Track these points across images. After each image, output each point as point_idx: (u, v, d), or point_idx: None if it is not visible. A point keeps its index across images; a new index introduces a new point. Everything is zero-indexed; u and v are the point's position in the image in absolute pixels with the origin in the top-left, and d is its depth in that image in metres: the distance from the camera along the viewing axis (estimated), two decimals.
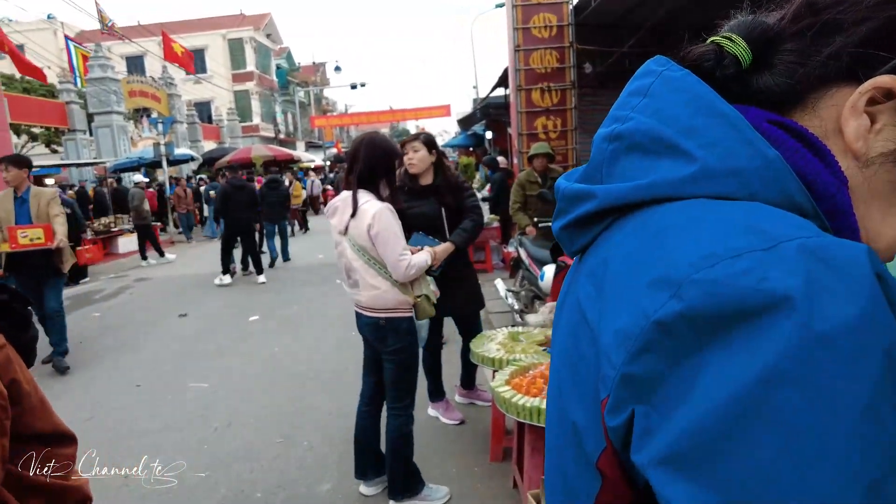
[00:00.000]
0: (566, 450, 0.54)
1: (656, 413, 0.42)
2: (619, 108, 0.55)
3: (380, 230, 2.46)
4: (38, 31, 26.81)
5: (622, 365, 0.44)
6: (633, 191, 0.50)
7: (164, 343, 5.84)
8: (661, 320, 0.41)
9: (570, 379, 0.54)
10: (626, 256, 0.48)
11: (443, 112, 27.63)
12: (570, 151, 8.48)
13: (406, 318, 2.61)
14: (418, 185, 3.33)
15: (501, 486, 2.86)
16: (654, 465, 0.41)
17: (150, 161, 15.93)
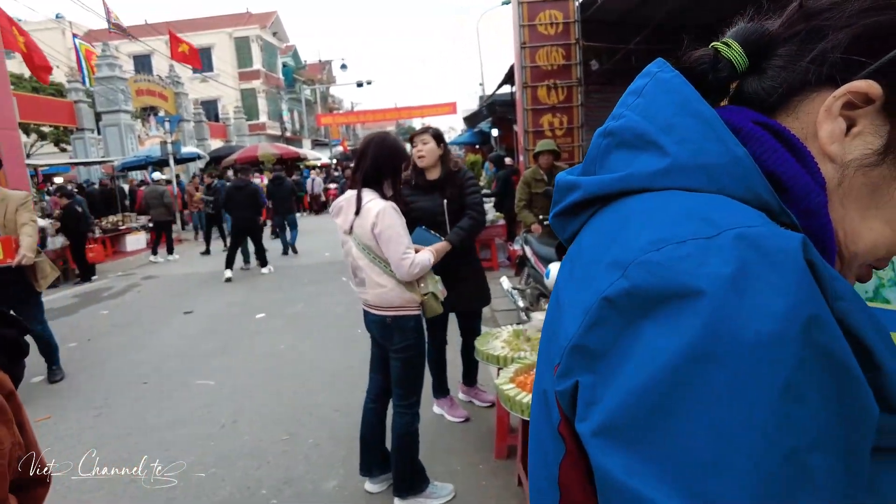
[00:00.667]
0: (540, 418, 0.58)
1: (600, 384, 0.45)
2: (618, 107, 0.59)
3: (383, 228, 2.46)
4: (46, 30, 26.99)
5: (574, 336, 0.48)
6: (611, 182, 0.54)
7: (170, 340, 5.87)
8: (609, 296, 0.45)
9: (545, 353, 0.59)
10: (595, 240, 0.53)
11: (449, 109, 27.62)
12: (577, 149, 8.45)
13: (413, 316, 2.61)
14: (424, 180, 3.34)
15: (506, 484, 2.86)
16: (592, 435, 0.44)
17: (157, 159, 16.02)
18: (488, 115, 17.01)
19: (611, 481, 0.43)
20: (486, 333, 3.21)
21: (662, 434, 0.40)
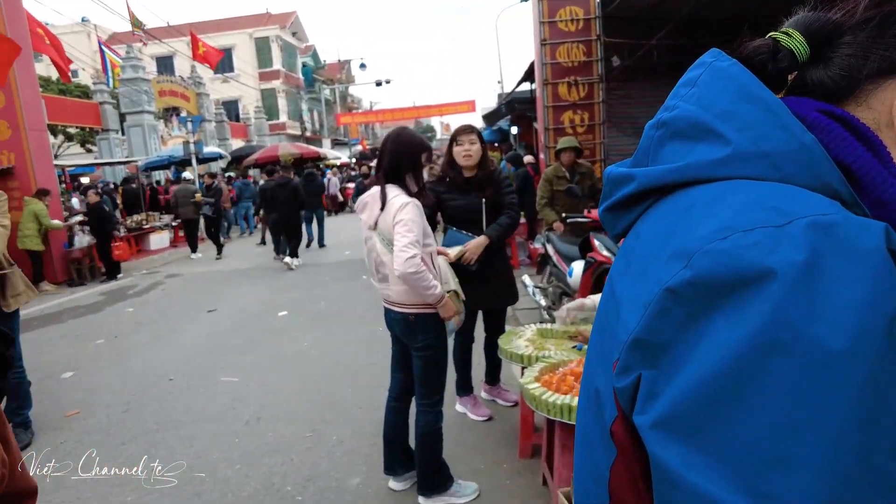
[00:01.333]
0: (590, 417, 0.57)
1: (662, 377, 0.44)
2: (670, 98, 0.57)
3: (401, 219, 2.45)
4: (72, 33, 27.54)
5: (634, 330, 0.46)
6: (668, 173, 0.53)
7: (195, 338, 5.95)
8: (672, 287, 0.44)
9: (597, 349, 0.57)
10: (654, 233, 0.52)
11: (467, 108, 27.58)
12: (598, 146, 8.39)
13: (435, 314, 2.60)
14: (461, 178, 3.32)
15: (531, 483, 2.84)
16: (651, 427, 0.43)
17: (180, 159, 16.25)
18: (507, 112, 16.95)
19: (668, 474, 0.41)
20: (509, 332, 3.19)
21: (724, 427, 0.39)
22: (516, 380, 3.99)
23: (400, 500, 2.80)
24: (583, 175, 5.36)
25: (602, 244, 3.96)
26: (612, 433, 0.51)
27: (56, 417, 4.13)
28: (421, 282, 2.41)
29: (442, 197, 3.34)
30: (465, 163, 3.28)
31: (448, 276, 2.69)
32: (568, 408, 2.18)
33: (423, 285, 2.42)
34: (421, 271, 2.40)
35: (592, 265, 3.99)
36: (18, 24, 9.81)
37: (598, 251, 3.95)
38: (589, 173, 5.54)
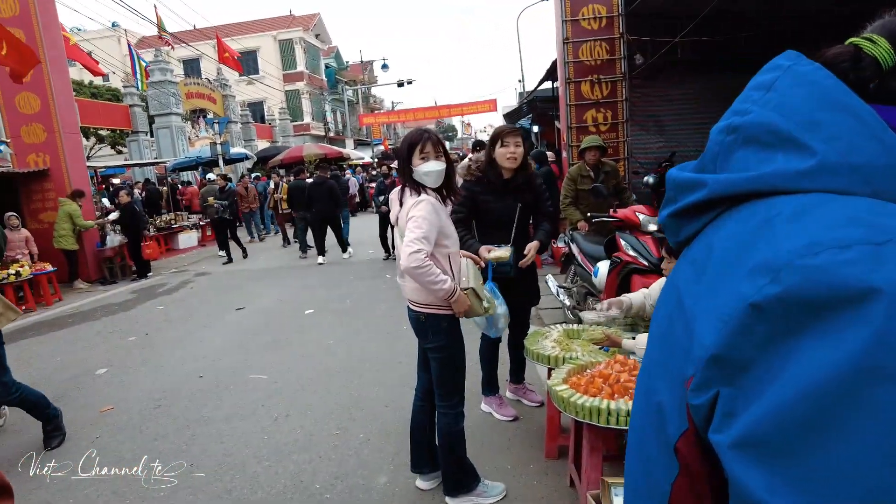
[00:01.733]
0: (649, 431, 0.55)
1: (742, 396, 0.42)
2: (740, 102, 0.55)
3: (413, 215, 2.46)
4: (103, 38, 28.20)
5: (713, 346, 0.44)
6: (745, 181, 0.50)
7: (224, 335, 6.06)
8: (757, 303, 0.42)
9: (660, 361, 0.55)
10: (731, 244, 0.49)
11: (488, 107, 27.50)
12: (622, 144, 8.32)
13: (446, 315, 2.57)
14: (500, 179, 3.26)
15: (558, 485, 2.84)
16: (731, 447, 0.41)
17: (207, 160, 16.52)
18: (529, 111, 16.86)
19: (748, 498, 0.40)
20: (535, 332, 3.19)
21: (815, 454, 0.37)
22: (541, 379, 3.99)
23: (427, 499, 2.82)
24: (607, 174, 5.32)
25: (628, 244, 3.93)
26: (675, 449, 0.49)
27: (91, 413, 4.24)
28: (424, 277, 2.40)
29: (479, 198, 3.31)
30: (509, 165, 3.21)
31: (470, 275, 2.66)
32: (597, 410, 2.18)
33: (426, 280, 2.41)
34: (424, 266, 2.38)
35: (618, 265, 3.96)
36: (53, 32, 10.08)
37: (624, 251, 3.92)
38: (613, 172, 5.50)
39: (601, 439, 2.35)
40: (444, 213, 2.59)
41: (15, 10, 9.52)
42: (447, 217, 2.61)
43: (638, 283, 3.71)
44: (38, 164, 9.89)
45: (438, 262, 2.53)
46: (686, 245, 0.58)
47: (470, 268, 2.69)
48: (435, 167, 2.54)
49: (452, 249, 2.62)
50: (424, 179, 2.55)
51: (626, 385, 2.29)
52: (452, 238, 2.62)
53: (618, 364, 2.46)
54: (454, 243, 2.63)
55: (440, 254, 2.55)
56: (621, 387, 2.30)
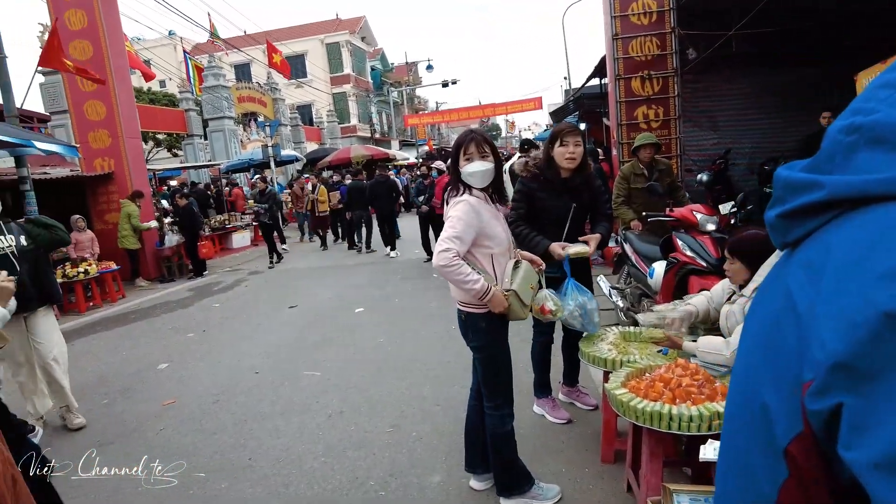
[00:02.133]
0: (751, 434, 0.54)
1: (872, 409, 0.40)
2: (864, 101, 0.52)
3: (450, 215, 2.50)
4: (161, 46, 29.41)
5: (838, 353, 0.43)
6: (873, 184, 0.48)
7: (278, 332, 6.22)
8: (892, 312, 0.40)
9: (765, 362, 0.54)
10: (854, 248, 0.47)
11: (534, 105, 27.26)
12: (674, 141, 8.11)
13: (484, 315, 2.54)
14: (557, 178, 3.24)
15: (614, 489, 2.79)
16: (874, 467, 0.40)
17: (258, 162, 17.00)
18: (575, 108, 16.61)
19: None
20: (590, 335, 3.13)
21: None
22: (594, 382, 3.93)
23: (482, 499, 2.81)
24: (661, 172, 5.18)
25: (685, 244, 3.82)
26: (785, 452, 0.48)
27: (155, 406, 4.43)
28: (453, 275, 2.42)
29: (535, 195, 3.29)
30: (567, 165, 3.19)
31: (517, 278, 2.58)
32: (658, 415, 2.13)
33: (456, 279, 2.43)
34: (453, 265, 2.39)
35: (675, 266, 3.86)
36: (117, 43, 10.57)
37: (682, 251, 3.81)
38: (667, 170, 5.36)
39: (662, 445, 2.30)
40: (489, 214, 2.56)
41: (83, 23, 10.04)
42: (493, 217, 2.57)
43: (696, 285, 3.61)
44: (103, 168, 10.40)
45: (478, 262, 2.52)
46: (792, 246, 0.57)
47: (521, 270, 2.63)
48: (478, 167, 2.53)
49: (496, 250, 2.57)
50: (469, 180, 2.56)
51: (688, 389, 2.23)
52: (497, 239, 2.57)
53: (679, 368, 2.39)
54: (498, 245, 2.58)
55: (481, 254, 2.54)
56: (683, 391, 2.23)
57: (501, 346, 2.64)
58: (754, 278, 2.45)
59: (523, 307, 2.60)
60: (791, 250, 0.57)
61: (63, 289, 8.31)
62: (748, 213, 4.52)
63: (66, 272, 8.26)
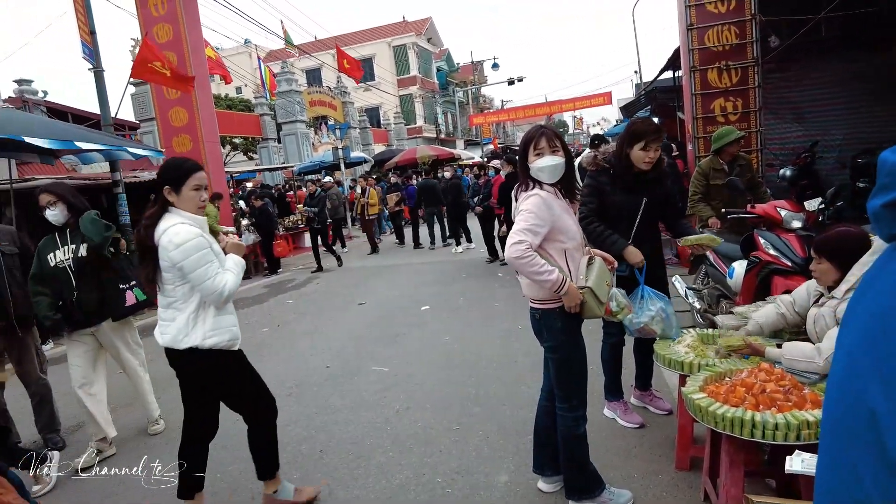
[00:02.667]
0: (857, 443, 0.50)
1: None
2: None
3: (521, 209, 2.46)
4: (237, 55, 30.88)
5: None
6: None
7: (347, 328, 6.38)
8: None
9: (871, 365, 0.50)
10: None
11: (603, 100, 26.58)
12: (754, 134, 7.68)
13: (558, 312, 2.48)
14: (629, 174, 3.14)
15: (690, 498, 2.67)
16: None
17: (329, 164, 17.52)
18: (647, 103, 16.08)
19: None
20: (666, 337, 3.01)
21: None
22: (668, 386, 3.78)
23: (549, 501, 2.76)
24: (742, 167, 4.91)
25: (768, 242, 3.60)
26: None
27: None
28: (527, 267, 2.37)
29: (605, 189, 3.21)
30: (644, 167, 3.10)
31: (592, 275, 2.53)
32: (740, 421, 2.01)
33: (530, 270, 2.38)
34: (526, 256, 2.36)
35: (756, 265, 3.64)
36: (199, 54, 11.19)
37: (764, 250, 3.59)
38: (748, 165, 5.07)
39: (743, 453, 2.17)
40: (561, 209, 2.51)
41: (169, 36, 10.71)
42: (564, 212, 2.52)
43: (780, 285, 3.39)
44: None
45: (551, 257, 2.47)
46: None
47: (595, 267, 2.58)
48: (549, 162, 2.49)
49: (569, 245, 2.52)
50: (539, 175, 2.51)
51: (772, 396, 2.09)
52: (570, 234, 2.53)
53: (763, 373, 2.25)
54: (571, 239, 2.53)
55: (554, 249, 2.49)
56: (767, 398, 2.10)
57: (577, 346, 2.57)
58: (846, 279, 2.28)
59: (599, 305, 2.53)
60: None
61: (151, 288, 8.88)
62: (838, 209, 4.22)
63: None
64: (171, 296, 2.64)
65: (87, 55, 8.89)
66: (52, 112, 13.74)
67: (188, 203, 2.60)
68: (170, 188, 2.58)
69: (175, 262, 2.50)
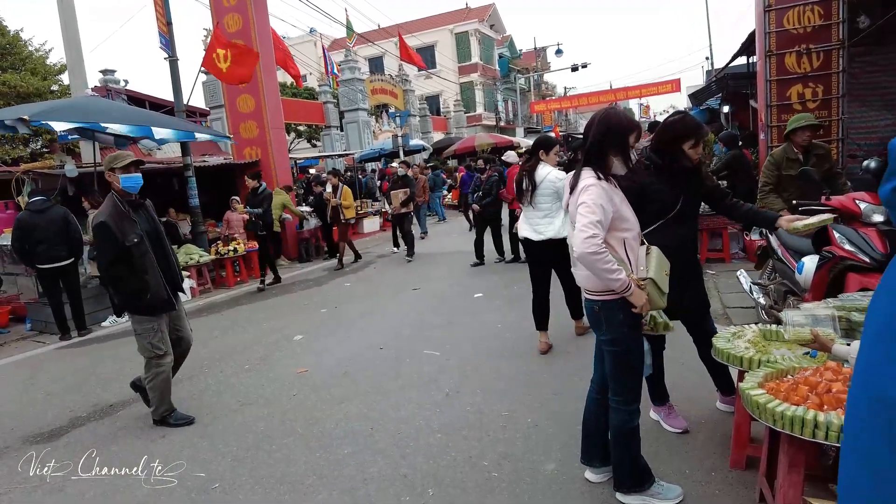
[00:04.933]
0: (879, 433, 0.49)
1: None
2: None
3: (583, 201, 2.37)
4: (303, 43, 31.62)
5: None
6: None
7: (402, 312, 6.48)
8: None
9: (889, 355, 0.49)
10: None
11: (671, 87, 25.57)
12: (835, 123, 7.21)
13: (620, 305, 2.42)
14: (671, 167, 3.00)
15: (744, 498, 2.57)
16: None
17: (389, 151, 17.75)
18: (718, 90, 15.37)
19: None
20: (727, 332, 2.89)
21: None
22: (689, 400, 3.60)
23: (596, 492, 2.73)
24: (819, 157, 4.62)
25: (844, 237, 3.38)
26: None
27: (290, 373, 4.82)
28: (599, 263, 2.29)
29: (646, 183, 3.08)
30: (695, 162, 2.99)
31: (652, 265, 2.48)
32: (801, 420, 1.92)
33: (601, 268, 2.30)
34: (600, 252, 2.28)
35: (829, 261, 3.43)
36: (266, 42, 11.53)
37: (839, 245, 3.37)
38: (826, 156, 4.77)
39: (804, 454, 2.07)
40: (619, 198, 2.47)
41: (239, 25, 11.10)
42: (622, 201, 2.47)
43: (855, 283, 3.18)
44: (251, 157, 11.43)
45: (612, 248, 2.42)
46: None
47: (653, 256, 2.51)
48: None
49: (629, 235, 2.48)
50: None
51: (838, 396, 1.98)
52: (630, 222, 2.49)
53: (829, 372, 2.13)
54: (631, 229, 2.49)
55: (615, 239, 2.43)
56: (833, 398, 1.99)
57: (638, 340, 2.52)
58: None
59: (662, 295, 2.48)
60: None
61: (214, 265, 9.32)
62: None
63: (219, 249, 9.23)
64: (545, 210, 4.59)
65: (164, 45, 9.34)
66: (131, 100, 14.53)
67: (551, 160, 4.66)
68: (543, 151, 4.65)
69: (557, 189, 4.40)
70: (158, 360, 3.92)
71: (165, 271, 3.93)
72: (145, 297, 3.79)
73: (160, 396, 3.97)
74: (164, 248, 4.00)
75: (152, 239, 3.90)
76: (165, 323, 3.98)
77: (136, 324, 3.91)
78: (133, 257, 3.75)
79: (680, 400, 3.46)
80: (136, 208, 3.90)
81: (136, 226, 3.79)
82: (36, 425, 4.26)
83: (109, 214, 3.74)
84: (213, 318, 7.26)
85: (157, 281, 3.84)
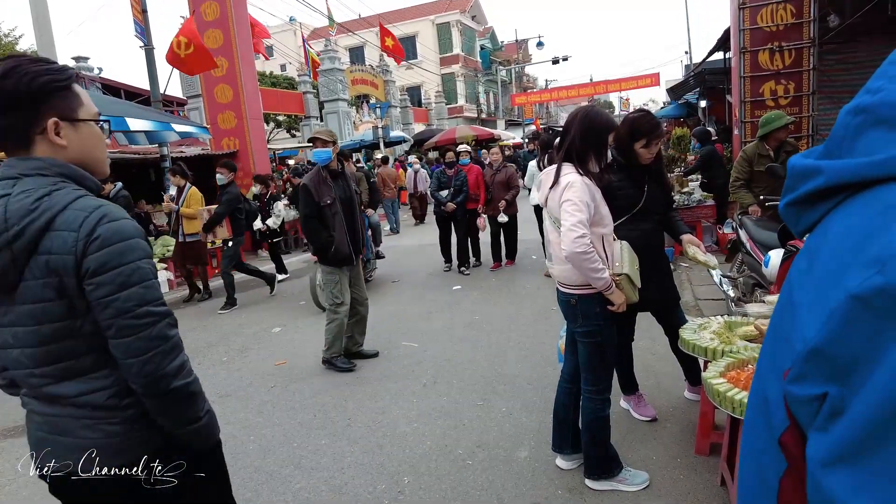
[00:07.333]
0: (757, 426, 0.54)
1: (847, 394, 0.40)
2: (875, 79, 0.49)
3: (568, 198, 2.40)
4: (282, 32, 31.22)
5: (813, 339, 0.43)
6: (864, 167, 0.46)
7: (381, 304, 6.50)
8: (859, 295, 0.39)
9: (769, 354, 0.54)
10: (844, 234, 0.46)
11: (650, 81, 25.83)
12: (806, 120, 7.39)
13: (597, 298, 2.49)
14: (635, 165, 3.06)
15: (706, 482, 2.67)
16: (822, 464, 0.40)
17: (369, 143, 17.66)
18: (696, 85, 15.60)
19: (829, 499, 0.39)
20: (692, 324, 2.99)
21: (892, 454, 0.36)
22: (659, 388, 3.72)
23: (567, 478, 2.81)
24: (789, 153, 4.75)
25: None
26: (781, 444, 0.48)
27: (268, 365, 4.83)
28: (588, 263, 2.34)
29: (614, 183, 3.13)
30: (645, 162, 3.03)
31: (625, 259, 2.57)
32: None
33: (589, 267, 2.35)
34: (589, 252, 2.33)
35: (793, 255, 3.55)
36: (244, 32, 11.37)
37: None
38: (794, 152, 4.90)
39: None
40: (598, 194, 2.52)
41: (216, 14, 10.93)
42: (601, 198, 2.53)
43: None
44: (229, 147, 11.32)
45: (593, 244, 2.47)
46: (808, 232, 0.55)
47: (625, 251, 2.59)
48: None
49: (606, 231, 2.54)
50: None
51: None
52: (607, 219, 2.55)
53: None
54: (608, 224, 2.55)
55: (594, 235, 2.47)
56: None
57: (611, 332, 2.59)
58: None
59: (634, 289, 2.56)
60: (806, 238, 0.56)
61: None
62: None
63: None
64: None
65: (139, 33, 9.19)
66: (106, 88, 14.25)
67: None
68: None
69: None
70: (336, 307, 4.56)
71: (351, 232, 4.54)
72: (331, 250, 4.44)
73: (332, 340, 4.56)
74: (353, 213, 4.62)
75: (344, 204, 4.56)
76: (346, 278, 4.59)
77: (323, 273, 4.68)
78: (325, 216, 4.44)
79: (650, 388, 3.58)
80: (336, 177, 4.56)
81: (331, 190, 4.47)
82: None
83: (311, 179, 4.49)
84: (192, 310, 7.22)
85: (341, 239, 4.47)
